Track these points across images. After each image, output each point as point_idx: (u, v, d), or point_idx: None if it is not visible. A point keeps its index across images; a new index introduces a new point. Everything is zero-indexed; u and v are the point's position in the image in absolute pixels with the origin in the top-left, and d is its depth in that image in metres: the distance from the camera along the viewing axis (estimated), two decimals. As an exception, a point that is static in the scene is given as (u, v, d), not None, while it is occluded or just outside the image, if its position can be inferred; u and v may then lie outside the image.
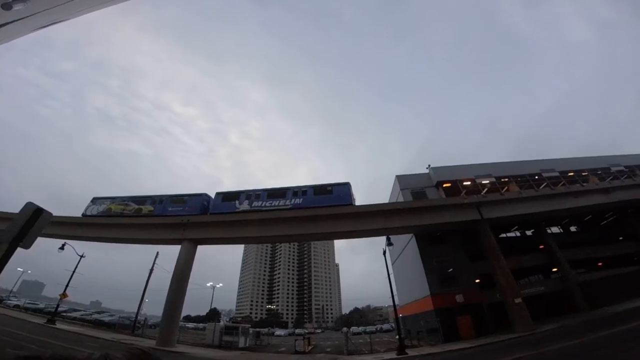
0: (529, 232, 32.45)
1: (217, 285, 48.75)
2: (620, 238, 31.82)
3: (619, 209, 30.91)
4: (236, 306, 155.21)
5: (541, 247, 29.06)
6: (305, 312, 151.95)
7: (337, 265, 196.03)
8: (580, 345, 10.73)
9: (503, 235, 32.96)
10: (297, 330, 66.35)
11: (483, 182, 27.41)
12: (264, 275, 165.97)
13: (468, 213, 24.22)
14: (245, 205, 27.50)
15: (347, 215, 24.08)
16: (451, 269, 25.17)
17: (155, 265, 33.07)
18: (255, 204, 27.56)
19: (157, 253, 33.72)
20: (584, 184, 27.95)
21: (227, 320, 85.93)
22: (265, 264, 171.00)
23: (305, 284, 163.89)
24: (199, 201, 28.28)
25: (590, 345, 10.46)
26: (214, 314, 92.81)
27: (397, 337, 20.29)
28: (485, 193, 25.38)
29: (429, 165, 32.92)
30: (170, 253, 26.18)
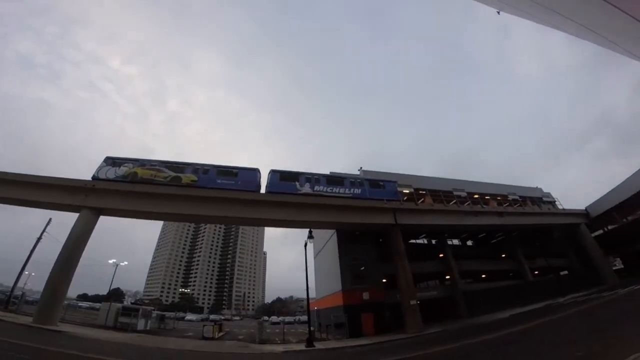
0: (433, 241, 36.04)
1: (122, 263, 44.05)
2: (503, 256, 37.59)
3: (508, 231, 36.52)
4: (145, 288, 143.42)
5: (441, 255, 32.65)
6: (224, 298, 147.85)
7: (264, 254, 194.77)
8: (458, 348, 11.95)
9: (412, 241, 36.35)
10: (212, 317, 64.27)
11: (403, 191, 29.63)
12: (182, 256, 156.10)
13: (385, 217, 25.88)
14: (307, 188, 26.10)
15: (284, 204, 23.94)
16: (363, 268, 26.77)
17: (45, 233, 28.63)
18: (317, 188, 26.44)
19: (50, 220, 29.23)
20: (484, 206, 32.25)
21: (133, 302, 79.72)
22: (185, 244, 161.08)
23: (227, 269, 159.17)
24: (254, 176, 25.45)
25: (468, 348, 11.63)
26: (116, 294, 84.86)
27: (308, 329, 20.77)
28: (403, 201, 27.46)
29: (361, 168, 34.81)
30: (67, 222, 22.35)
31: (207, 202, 22.91)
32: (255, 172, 25.82)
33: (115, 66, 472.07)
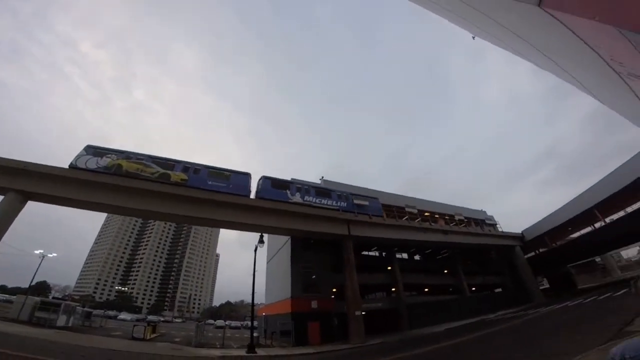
0: (384, 254, 37.09)
1: (49, 255, 39.32)
2: (445, 271, 39.81)
3: (451, 248, 38.78)
4: (77, 283, 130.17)
5: (389, 268, 33.68)
6: (167, 299, 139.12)
7: (217, 256, 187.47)
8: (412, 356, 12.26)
9: (365, 252, 37.24)
10: (150, 317, 60.57)
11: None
12: (124, 251, 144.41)
13: (339, 227, 26.21)
14: (297, 198, 26.62)
15: (239, 206, 23.16)
16: (314, 276, 26.75)
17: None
18: (307, 198, 26.99)
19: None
20: (433, 224, 34.05)
21: (60, 297, 72.13)
22: (130, 239, 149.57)
23: (174, 269, 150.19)
24: (245, 181, 25.24)
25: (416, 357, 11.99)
26: (41, 288, 76.10)
27: (251, 335, 20.16)
28: (357, 214, 27.98)
29: (322, 177, 35.16)
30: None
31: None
32: (247, 176, 25.75)
33: (85, 50, 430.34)
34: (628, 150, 31.78)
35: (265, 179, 26.52)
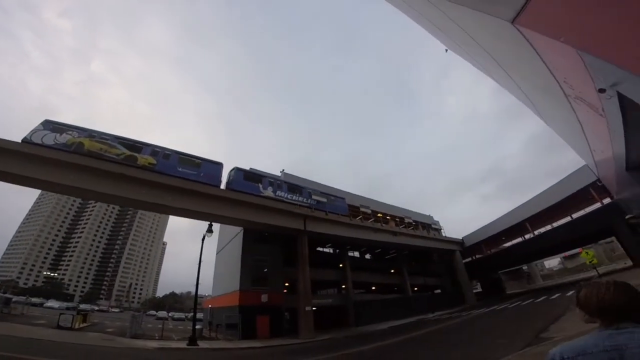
0: (338, 251, 37.86)
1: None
2: (392, 271, 41.83)
3: (399, 249, 40.77)
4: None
5: (341, 265, 34.57)
6: (104, 287, 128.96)
7: (164, 244, 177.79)
8: (338, 357, 12.54)
9: (320, 249, 37.80)
10: (83, 306, 55.95)
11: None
12: (57, 233, 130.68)
13: (295, 222, 26.22)
14: (269, 192, 26.72)
15: (193, 193, 22.02)
16: (266, 269, 26.52)
17: None
18: (278, 193, 27.28)
19: None
20: (384, 225, 35.50)
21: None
22: (65, 220, 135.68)
23: (114, 255, 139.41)
24: (217, 170, 24.74)
25: (350, 357, 12.29)
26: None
27: (193, 326, 19.60)
28: (313, 209, 28.30)
29: (283, 170, 34.90)
30: None
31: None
32: (219, 166, 25.32)
33: (47, 17, 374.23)
34: (562, 172, 36.10)
35: (237, 170, 26.15)
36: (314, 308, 30.90)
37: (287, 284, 28.26)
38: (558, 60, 10.63)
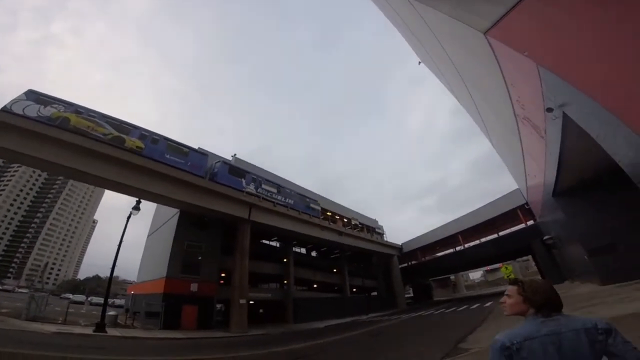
0: (282, 245, 37.15)
1: None
2: (334, 270, 42.32)
3: (343, 250, 41.29)
4: None
5: (285, 260, 33.93)
6: (13, 264, 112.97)
7: (94, 222, 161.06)
8: (269, 354, 11.93)
9: (265, 241, 36.79)
10: None
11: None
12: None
13: (240, 209, 24.88)
14: (251, 188, 27.29)
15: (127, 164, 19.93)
16: (200, 257, 24.73)
17: None
18: (259, 190, 28.13)
19: None
20: (331, 223, 35.62)
21: None
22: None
23: (31, 228, 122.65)
24: (203, 161, 25.13)
25: (278, 355, 11.72)
26: None
27: (102, 312, 17.77)
28: (262, 199, 27.29)
29: (235, 155, 33.40)
30: None
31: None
32: (206, 157, 25.76)
33: None
34: (495, 195, 39.63)
35: (223, 163, 26.74)
36: (251, 302, 29.98)
37: (223, 275, 26.83)
38: (517, 76, 10.92)
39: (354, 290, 43.77)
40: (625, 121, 6.28)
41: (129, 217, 18.43)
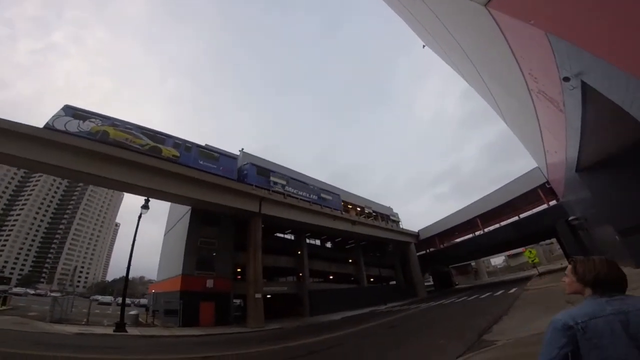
0: (295, 237, 36.86)
1: None
2: (350, 261, 41.87)
3: (358, 239, 40.74)
4: None
5: (299, 252, 33.72)
6: (45, 269, 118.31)
7: (116, 225, 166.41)
8: (282, 350, 11.60)
9: (279, 234, 36.74)
10: (17, 290, 51.88)
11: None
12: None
13: (250, 203, 24.67)
14: (279, 187, 28.85)
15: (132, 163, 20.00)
16: (214, 253, 24.78)
17: None
18: (287, 188, 29.67)
19: None
20: (343, 213, 35.03)
21: None
22: (4, 193, 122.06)
23: (57, 234, 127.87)
24: (233, 164, 26.68)
25: (291, 350, 11.31)
26: None
27: (121, 311, 17.99)
28: (271, 192, 27.01)
29: (242, 149, 33.12)
30: None
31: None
32: (235, 160, 27.14)
33: None
34: (512, 177, 38.25)
35: (251, 165, 28.00)
36: (268, 296, 29.99)
37: (238, 270, 26.84)
38: (526, 48, 10.10)
39: (371, 280, 43.23)
40: None
41: (140, 217, 18.53)
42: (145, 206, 18.97)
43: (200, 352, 11.60)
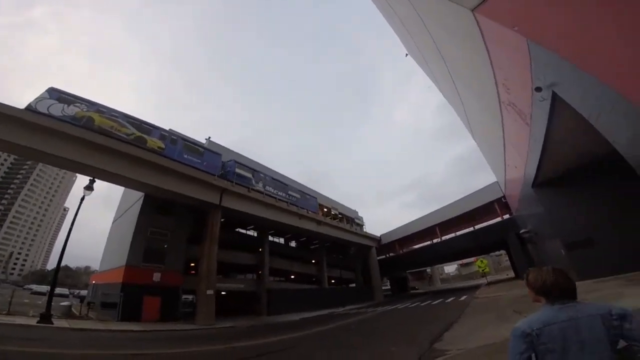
0: (260, 234, 35.66)
1: None
2: (313, 261, 41.44)
3: (322, 240, 40.36)
4: None
5: (260, 249, 32.61)
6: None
7: (65, 209, 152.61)
8: (227, 350, 10.78)
9: (242, 230, 35.38)
10: None
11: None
12: None
13: (210, 194, 23.22)
14: (260, 186, 28.93)
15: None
16: (166, 245, 23.01)
17: None
18: (267, 188, 29.95)
19: None
20: (310, 212, 34.48)
21: None
22: None
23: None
24: (218, 160, 26.28)
25: (236, 351, 10.55)
26: None
27: (48, 302, 16.07)
28: (235, 184, 25.67)
29: (209, 138, 31.72)
30: None
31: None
32: (219, 156, 26.78)
33: None
34: (472, 191, 40.21)
35: (235, 162, 28.04)
36: (223, 293, 28.62)
37: (192, 264, 25.22)
38: (505, 56, 10.29)
39: (332, 281, 43.11)
40: (625, 95, 5.55)
41: (82, 199, 16.55)
42: (89, 187, 16.99)
43: (132, 349, 10.43)
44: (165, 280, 21.41)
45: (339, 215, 43.82)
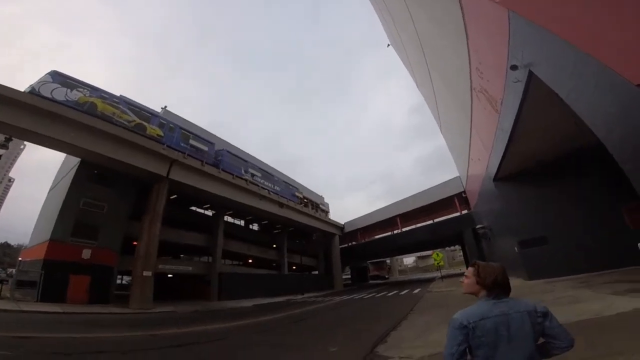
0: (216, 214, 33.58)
1: None
2: (274, 246, 40.08)
3: (286, 225, 38.98)
4: None
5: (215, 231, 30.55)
6: None
7: (10, 180, 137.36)
8: (144, 338, 9.31)
9: (198, 209, 33.10)
10: None
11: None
12: None
13: (157, 165, 20.94)
14: (248, 175, 30.11)
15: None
16: (102, 220, 20.47)
17: None
18: (255, 178, 31.24)
19: None
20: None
21: None
22: None
23: None
24: (211, 150, 27.56)
25: (155, 340, 9.12)
26: None
27: None
28: (186, 156, 23.26)
29: (165, 107, 29.29)
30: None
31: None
32: (213, 145, 27.85)
33: None
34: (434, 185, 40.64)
35: (226, 152, 29.40)
36: (169, 275, 26.53)
37: (134, 243, 22.80)
38: (483, 36, 10.08)
39: (293, 267, 42.15)
40: (610, 65, 5.05)
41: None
42: (4, 145, 14.29)
43: (26, 332, 8.67)
44: (97, 258, 18.99)
45: (304, 200, 42.58)
